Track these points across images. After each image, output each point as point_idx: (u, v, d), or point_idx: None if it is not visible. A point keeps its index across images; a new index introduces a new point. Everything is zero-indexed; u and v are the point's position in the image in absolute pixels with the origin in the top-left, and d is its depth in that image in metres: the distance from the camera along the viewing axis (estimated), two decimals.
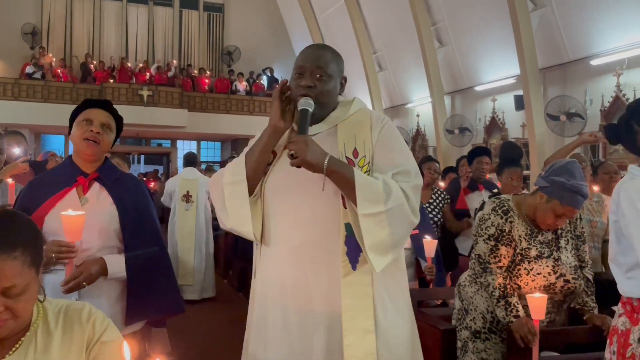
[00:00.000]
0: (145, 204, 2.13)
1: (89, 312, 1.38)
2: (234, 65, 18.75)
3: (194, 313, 5.60)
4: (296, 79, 1.78)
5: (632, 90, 8.67)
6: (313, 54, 1.83)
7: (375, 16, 14.86)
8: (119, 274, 1.98)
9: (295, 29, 19.07)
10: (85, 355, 1.33)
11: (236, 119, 16.67)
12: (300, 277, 1.65)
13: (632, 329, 1.88)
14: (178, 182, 6.53)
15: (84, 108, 2.07)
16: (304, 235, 1.66)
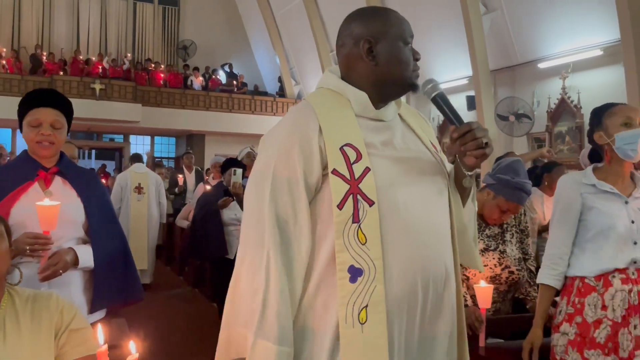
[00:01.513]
0: (105, 196, 2.21)
1: (57, 300, 1.43)
2: (190, 59, 18.54)
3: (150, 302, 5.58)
4: (409, 50, 1.44)
5: (577, 93, 9.09)
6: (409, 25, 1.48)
7: (333, 15, 14.98)
8: (87, 264, 2.04)
9: (253, 25, 19.01)
10: (54, 342, 1.37)
11: (192, 114, 16.49)
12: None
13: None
14: (130, 176, 7.03)
15: (29, 105, 2.04)
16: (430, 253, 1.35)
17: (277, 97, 17.96)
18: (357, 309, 1.23)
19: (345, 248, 1.25)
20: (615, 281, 2.03)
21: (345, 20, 1.48)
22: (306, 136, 1.31)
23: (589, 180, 2.11)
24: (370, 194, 1.27)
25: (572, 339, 2.05)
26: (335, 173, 1.27)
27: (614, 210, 2.06)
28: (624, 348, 1.99)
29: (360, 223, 1.25)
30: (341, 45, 1.46)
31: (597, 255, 2.06)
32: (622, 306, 2.01)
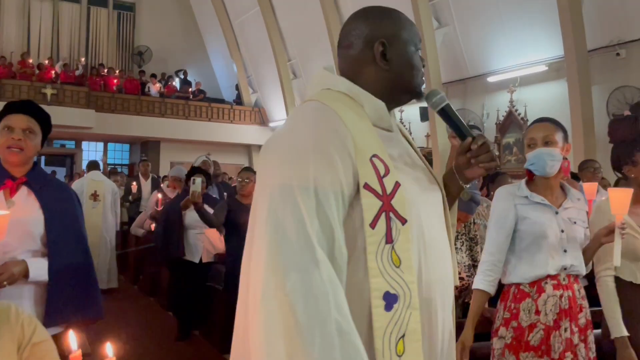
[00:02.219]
0: (72, 210, 2.16)
1: (16, 312, 1.39)
2: (145, 66, 18.29)
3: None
4: (419, 56, 1.36)
5: (524, 106, 9.49)
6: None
7: (291, 25, 15.12)
8: (41, 278, 2.00)
9: (210, 32, 18.93)
10: (17, 355, 1.34)
11: (147, 121, 16.25)
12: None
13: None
14: (86, 183, 6.97)
15: (6, 112, 2.07)
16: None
17: (234, 105, 17.92)
18: (394, 340, 1.11)
19: (380, 272, 1.11)
20: (547, 287, 2.18)
21: (353, 19, 1.35)
22: (341, 142, 1.14)
23: (522, 192, 2.26)
24: (403, 212, 1.15)
25: (508, 343, 2.17)
26: (367, 187, 1.13)
27: (545, 220, 2.21)
28: (555, 350, 2.14)
29: (394, 244, 1.13)
30: (347, 47, 1.32)
31: (531, 262, 2.20)
32: (554, 310, 2.16)
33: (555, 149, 2.20)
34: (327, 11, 13.02)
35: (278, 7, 15.30)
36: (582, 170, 5.02)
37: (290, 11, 14.86)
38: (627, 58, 8.24)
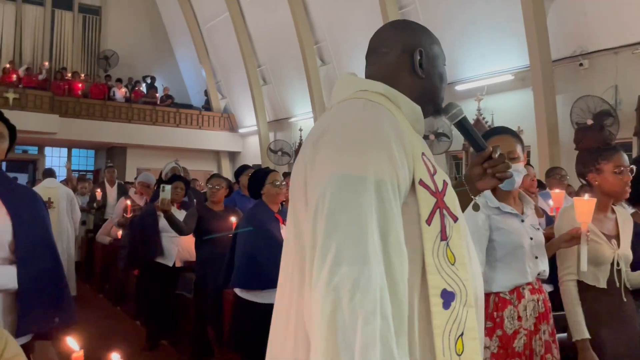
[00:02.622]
0: (41, 216, 2.10)
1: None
2: (112, 70, 17.99)
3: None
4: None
5: (491, 114, 9.67)
6: None
7: (260, 31, 15.09)
8: (9, 286, 1.94)
9: (178, 37, 18.76)
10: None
11: (113, 126, 15.95)
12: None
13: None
14: (40, 190, 6.73)
15: None
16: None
17: (203, 111, 17.76)
18: (453, 339, 1.10)
19: (437, 270, 1.11)
20: (526, 293, 2.22)
21: (391, 27, 1.38)
22: (398, 137, 1.13)
23: (493, 203, 2.27)
24: (454, 209, 1.17)
25: (495, 352, 2.17)
26: (422, 184, 1.13)
27: (518, 229, 2.24)
28: (537, 353, 2.18)
29: (448, 240, 1.14)
30: (384, 53, 1.34)
31: (510, 271, 2.22)
32: (533, 315, 2.20)
33: (520, 165, 2.24)
34: (297, 18, 13.05)
35: (248, 13, 15.27)
36: (548, 177, 5.13)
37: (260, 17, 14.84)
38: (590, 68, 8.48)
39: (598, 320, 2.34)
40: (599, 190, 2.47)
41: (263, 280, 3.33)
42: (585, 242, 2.21)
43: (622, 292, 2.37)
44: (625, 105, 7.95)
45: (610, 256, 2.37)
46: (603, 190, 2.46)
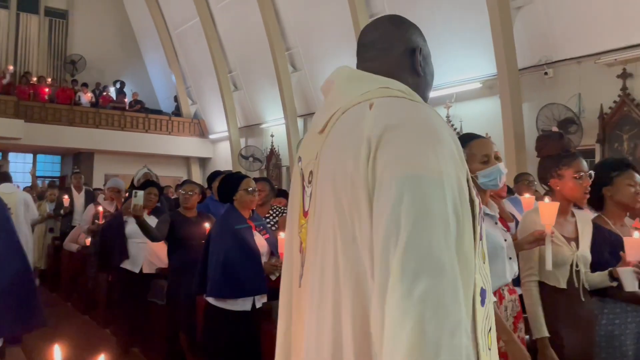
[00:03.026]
0: (6, 221, 2.10)
1: None
2: (79, 75, 17.68)
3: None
4: None
5: (460, 121, 9.85)
6: None
7: (231, 37, 15.06)
8: None
9: (147, 42, 18.57)
10: None
11: (80, 132, 15.66)
12: None
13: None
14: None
15: None
16: None
17: (173, 116, 17.59)
18: (486, 335, 1.10)
19: (479, 269, 1.11)
20: (505, 293, 2.30)
21: (388, 22, 1.35)
22: (453, 138, 1.10)
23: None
24: (478, 210, 1.14)
25: None
26: (469, 184, 1.12)
27: (496, 231, 2.32)
28: None
29: (482, 240, 1.16)
30: (385, 49, 1.30)
31: (494, 272, 2.29)
32: (512, 314, 2.28)
33: (503, 165, 2.31)
34: (269, 24, 13.07)
35: (218, 19, 15.22)
36: (517, 183, 5.26)
37: (231, 23, 14.81)
38: (555, 77, 8.72)
39: (557, 319, 2.44)
40: (560, 195, 2.58)
41: (237, 289, 3.33)
42: (549, 243, 2.33)
43: (581, 293, 2.47)
44: (588, 113, 8.20)
45: (569, 258, 2.48)
46: (564, 195, 2.57)
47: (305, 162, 1.27)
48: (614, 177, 2.63)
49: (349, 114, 1.16)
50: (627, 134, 7.80)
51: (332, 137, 1.17)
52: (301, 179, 1.28)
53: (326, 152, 1.17)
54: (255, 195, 3.65)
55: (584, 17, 8.19)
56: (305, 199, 1.25)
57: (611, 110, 7.90)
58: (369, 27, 1.37)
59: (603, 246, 2.55)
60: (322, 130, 1.22)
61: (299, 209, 1.28)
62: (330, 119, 1.21)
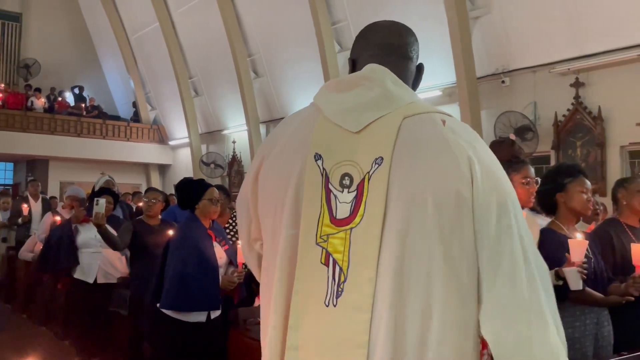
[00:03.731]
0: None
1: None
2: (34, 80, 17.15)
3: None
4: None
5: None
6: None
7: (192, 42, 14.91)
8: None
9: (104, 46, 18.20)
10: None
11: (34, 138, 15.17)
12: None
13: None
14: None
15: None
16: None
17: (131, 122, 17.27)
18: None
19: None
20: None
21: (408, 32, 1.35)
22: None
23: None
24: None
25: None
26: None
27: None
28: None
29: None
30: (408, 58, 1.31)
31: None
32: None
33: None
34: (230, 30, 13.01)
35: (179, 24, 15.05)
36: None
37: (191, 28, 14.67)
38: (511, 85, 8.99)
39: None
40: None
41: (192, 303, 3.27)
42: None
43: None
44: (543, 120, 8.47)
45: None
46: None
47: (334, 162, 1.14)
48: (567, 183, 2.74)
49: (410, 124, 1.14)
50: (580, 141, 8.11)
51: (402, 142, 1.12)
52: (324, 180, 1.14)
53: (405, 160, 1.11)
54: (218, 205, 3.60)
55: (539, 28, 8.48)
56: (335, 205, 1.12)
57: (565, 118, 8.19)
58: (391, 31, 1.33)
59: (559, 250, 2.64)
60: (360, 131, 1.15)
61: (317, 216, 1.13)
62: (373, 123, 1.15)
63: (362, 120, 1.15)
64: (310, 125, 1.19)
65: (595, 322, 2.66)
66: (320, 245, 1.11)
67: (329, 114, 1.18)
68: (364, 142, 1.13)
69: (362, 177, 1.11)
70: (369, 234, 1.08)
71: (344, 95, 1.20)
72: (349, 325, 1.06)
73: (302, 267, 1.12)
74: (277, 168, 1.20)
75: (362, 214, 1.09)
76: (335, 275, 1.09)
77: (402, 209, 1.08)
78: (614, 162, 7.58)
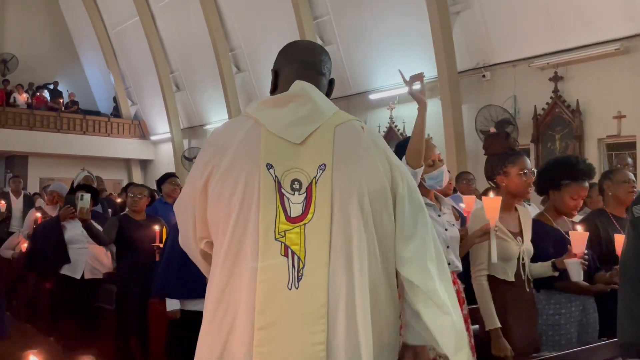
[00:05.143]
0: None
1: None
2: (11, 75, 16.86)
3: None
4: None
5: (402, 122, 10.10)
6: None
7: (173, 37, 14.81)
8: None
9: (84, 41, 17.96)
10: None
11: (13, 134, 14.96)
12: None
13: None
14: None
15: None
16: None
17: (112, 118, 17.10)
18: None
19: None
20: None
21: (324, 52, 1.64)
22: None
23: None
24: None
25: None
26: None
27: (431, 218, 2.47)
28: None
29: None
30: (322, 74, 1.59)
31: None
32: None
33: (445, 166, 2.54)
34: (212, 25, 12.94)
35: (159, 18, 14.93)
36: (458, 181, 5.47)
37: (172, 23, 14.56)
38: (492, 80, 9.11)
39: (507, 310, 2.58)
40: (506, 191, 2.73)
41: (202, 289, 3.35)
42: (494, 237, 2.47)
43: (526, 284, 2.64)
44: (523, 114, 8.60)
45: (516, 252, 2.62)
46: (509, 191, 2.72)
47: (283, 169, 1.37)
48: (563, 185, 2.81)
49: (341, 132, 1.43)
50: (558, 134, 8.26)
51: (338, 150, 1.40)
52: (277, 185, 1.36)
53: (342, 164, 1.39)
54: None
55: (518, 23, 8.60)
56: (289, 206, 1.35)
57: (544, 112, 8.33)
58: (309, 49, 1.61)
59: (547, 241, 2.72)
60: (302, 142, 1.39)
61: (274, 216, 1.34)
62: (312, 135, 1.40)
63: (302, 134, 1.39)
64: (255, 138, 1.39)
65: (581, 309, 2.75)
66: (279, 240, 1.33)
67: (272, 129, 1.40)
68: (306, 151, 1.38)
69: (310, 182, 1.36)
70: (321, 228, 1.33)
71: (281, 110, 1.43)
72: (311, 301, 1.30)
73: (265, 260, 1.32)
74: (232, 177, 1.37)
75: (313, 211, 1.34)
76: (294, 264, 1.32)
77: (344, 205, 1.35)
78: (592, 155, 7.73)
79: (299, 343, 1.29)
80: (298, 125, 1.40)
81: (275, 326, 1.30)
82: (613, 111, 7.66)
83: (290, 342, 1.29)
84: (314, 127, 1.41)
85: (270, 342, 1.29)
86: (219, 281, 1.38)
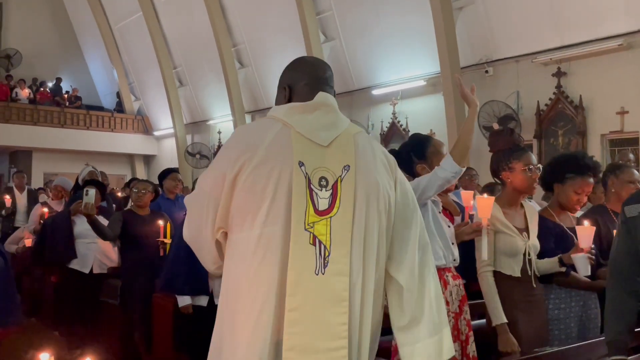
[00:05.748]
0: None
1: None
2: (14, 70, 16.91)
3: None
4: None
5: (405, 118, 10.11)
6: None
7: (176, 32, 14.82)
8: None
9: (87, 37, 17.99)
10: None
11: (17, 129, 15.03)
12: None
13: None
14: None
15: None
16: None
17: (115, 113, 17.14)
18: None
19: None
20: (449, 279, 2.44)
21: (329, 67, 1.78)
22: None
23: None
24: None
25: None
26: None
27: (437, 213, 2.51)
28: (462, 332, 2.41)
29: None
30: (332, 87, 1.73)
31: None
32: (457, 298, 2.42)
33: None
34: (215, 20, 12.95)
35: (162, 14, 14.93)
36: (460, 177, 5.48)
37: (175, 18, 14.57)
38: (494, 75, 9.11)
39: (513, 305, 2.58)
40: (511, 187, 2.72)
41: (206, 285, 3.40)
42: (485, 235, 2.48)
43: (533, 280, 2.64)
44: (526, 110, 8.61)
45: (522, 247, 2.62)
46: (515, 187, 2.71)
47: (312, 167, 1.52)
48: (568, 178, 2.81)
49: (359, 140, 1.61)
50: (561, 130, 8.26)
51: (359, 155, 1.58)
52: (307, 182, 1.50)
53: (363, 168, 1.56)
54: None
55: (521, 18, 8.59)
56: (317, 200, 1.50)
57: (547, 107, 8.33)
58: (319, 67, 1.74)
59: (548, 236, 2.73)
60: (328, 145, 1.56)
61: (304, 209, 1.49)
62: (336, 139, 1.57)
63: (328, 137, 1.55)
64: (286, 139, 1.53)
65: (582, 304, 2.76)
66: (308, 230, 1.47)
67: (301, 131, 1.55)
68: (331, 153, 1.54)
69: (335, 180, 1.52)
70: (345, 221, 1.49)
71: (309, 116, 1.58)
72: (335, 286, 1.46)
73: (296, 248, 1.46)
74: (264, 172, 1.49)
75: (338, 206, 1.50)
76: (321, 252, 1.47)
77: (365, 203, 1.52)
78: (595, 151, 7.73)
79: (324, 323, 1.44)
80: (324, 129, 1.56)
81: (304, 308, 1.44)
82: (616, 107, 7.65)
83: (317, 322, 1.44)
84: (337, 132, 1.57)
85: (299, 322, 1.43)
86: (250, 266, 1.48)
